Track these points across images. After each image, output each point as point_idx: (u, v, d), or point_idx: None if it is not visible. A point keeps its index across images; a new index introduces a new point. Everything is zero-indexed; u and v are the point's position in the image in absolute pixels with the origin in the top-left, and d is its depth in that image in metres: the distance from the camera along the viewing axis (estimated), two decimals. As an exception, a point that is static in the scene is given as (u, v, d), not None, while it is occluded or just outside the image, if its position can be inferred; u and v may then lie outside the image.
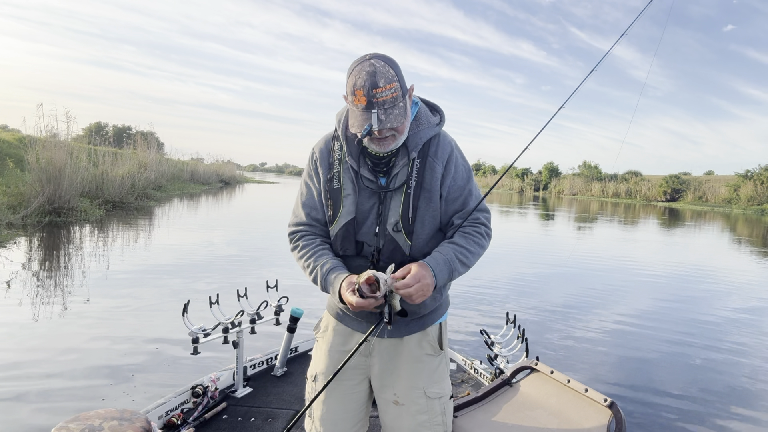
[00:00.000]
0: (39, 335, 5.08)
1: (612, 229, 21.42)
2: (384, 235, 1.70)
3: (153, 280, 7.61)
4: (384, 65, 1.51)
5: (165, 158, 31.51)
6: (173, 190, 26.70)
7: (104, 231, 12.39)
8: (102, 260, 8.75)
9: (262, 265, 9.32)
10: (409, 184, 1.68)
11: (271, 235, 14.10)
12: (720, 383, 4.89)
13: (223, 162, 49.58)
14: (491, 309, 7.03)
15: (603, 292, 8.71)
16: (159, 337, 5.17)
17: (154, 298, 6.64)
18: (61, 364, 4.42)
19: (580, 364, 5.19)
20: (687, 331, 6.57)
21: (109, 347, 4.85)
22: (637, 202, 52.54)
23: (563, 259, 12.28)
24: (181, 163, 35.27)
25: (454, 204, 1.75)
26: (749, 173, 46.85)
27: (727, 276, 11.21)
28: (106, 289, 6.92)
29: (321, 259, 1.72)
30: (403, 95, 1.56)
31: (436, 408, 1.80)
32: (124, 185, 18.19)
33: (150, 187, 22.47)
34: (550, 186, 69.04)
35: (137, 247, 10.37)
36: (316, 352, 1.94)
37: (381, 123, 1.51)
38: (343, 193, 1.71)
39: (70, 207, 13.55)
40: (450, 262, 1.65)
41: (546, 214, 27.90)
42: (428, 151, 1.71)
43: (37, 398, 3.79)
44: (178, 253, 9.95)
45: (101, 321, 5.59)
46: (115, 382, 4.11)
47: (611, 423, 2.01)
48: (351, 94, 1.53)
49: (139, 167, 22.26)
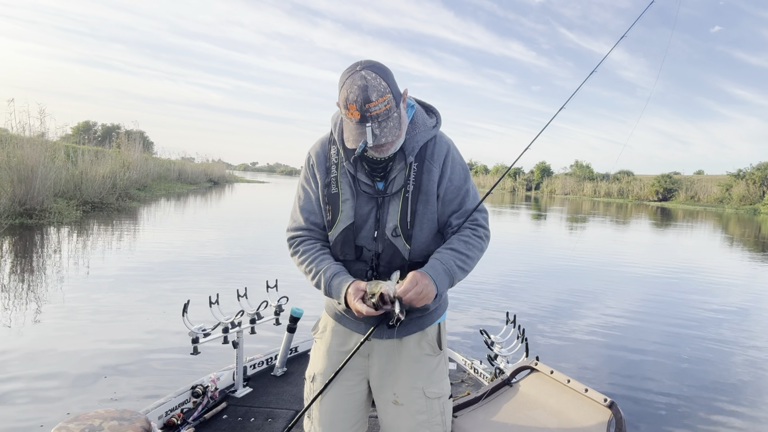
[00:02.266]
0: (38, 335, 5.06)
1: (609, 229, 21.47)
2: (383, 240, 1.70)
3: (143, 281, 7.58)
4: (375, 77, 1.49)
5: (152, 157, 30.99)
6: (159, 190, 26.06)
7: (81, 233, 11.95)
8: (81, 262, 8.56)
9: (253, 265, 9.30)
10: (406, 188, 1.68)
11: (267, 235, 14.03)
12: (722, 383, 4.90)
13: (213, 161, 49.13)
14: (491, 309, 7.04)
15: (603, 292, 8.73)
16: (159, 338, 5.16)
17: (150, 299, 6.62)
18: (61, 364, 4.40)
19: (581, 364, 5.21)
20: (688, 331, 6.59)
21: (109, 347, 4.84)
22: (629, 201, 52.79)
23: (563, 258, 12.33)
24: (167, 162, 34.58)
25: (451, 204, 1.75)
26: (741, 173, 47.15)
27: (726, 276, 11.30)
28: (93, 291, 6.88)
29: (323, 264, 1.72)
30: (397, 105, 1.55)
31: (436, 408, 1.80)
32: (104, 185, 17.48)
33: (133, 187, 21.82)
34: (542, 186, 69.25)
35: (119, 249, 10.09)
36: (315, 353, 1.94)
37: (376, 138, 1.50)
38: (341, 198, 1.71)
39: (43, 208, 12.85)
40: (450, 270, 1.66)
41: (538, 214, 27.96)
42: (425, 154, 1.70)
43: (37, 398, 3.77)
44: (159, 255, 9.71)
45: (101, 321, 5.57)
46: (115, 382, 4.11)
47: (611, 423, 2.02)
48: (344, 108, 1.52)
49: (123, 166, 21.69)
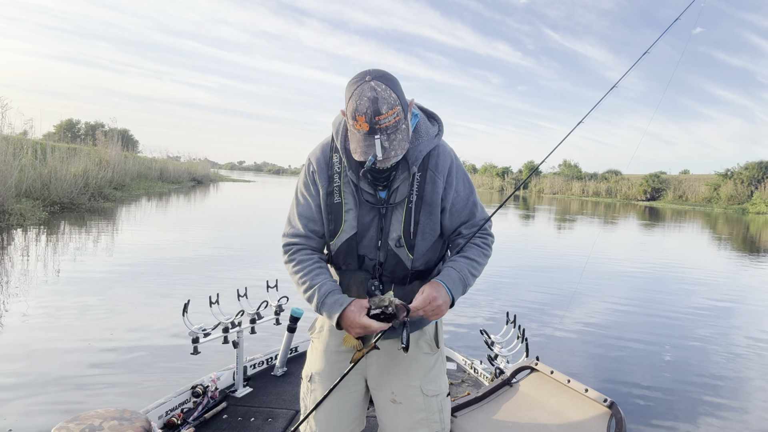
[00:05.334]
0: (38, 335, 5.03)
1: (609, 230, 21.48)
2: (386, 250, 1.70)
3: (134, 282, 7.55)
4: (385, 89, 1.47)
5: (132, 155, 29.98)
6: (138, 189, 25.26)
7: (50, 234, 11.49)
8: (50, 264, 8.33)
9: (253, 265, 9.25)
10: (410, 198, 1.67)
11: (266, 235, 13.90)
12: (724, 383, 4.92)
13: (199, 160, 48.01)
14: (491, 309, 7.06)
15: (604, 292, 8.75)
16: (159, 337, 5.14)
17: (150, 299, 6.60)
18: (60, 364, 4.39)
19: (581, 364, 5.23)
20: (689, 332, 6.61)
21: (109, 347, 4.83)
22: (617, 201, 53.03)
23: (563, 259, 12.40)
24: (148, 160, 33.62)
25: (460, 216, 1.76)
26: (729, 172, 47.51)
27: (727, 276, 11.41)
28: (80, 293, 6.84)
29: (318, 279, 1.69)
30: (405, 116, 1.53)
31: (434, 405, 1.83)
32: (76, 184, 16.53)
33: (109, 186, 20.92)
34: (530, 185, 69.41)
35: (86, 251, 9.69)
36: (312, 353, 1.95)
37: (385, 151, 1.48)
38: (344, 208, 1.69)
39: (2, 210, 12.12)
40: (464, 278, 1.68)
41: (527, 215, 28.03)
42: (428, 164, 1.69)
43: (37, 398, 3.76)
44: (140, 256, 9.46)
45: (101, 321, 5.55)
46: (115, 382, 4.10)
47: (611, 423, 2.04)
48: (352, 118, 1.49)
49: (98, 164, 20.79)
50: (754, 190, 43.45)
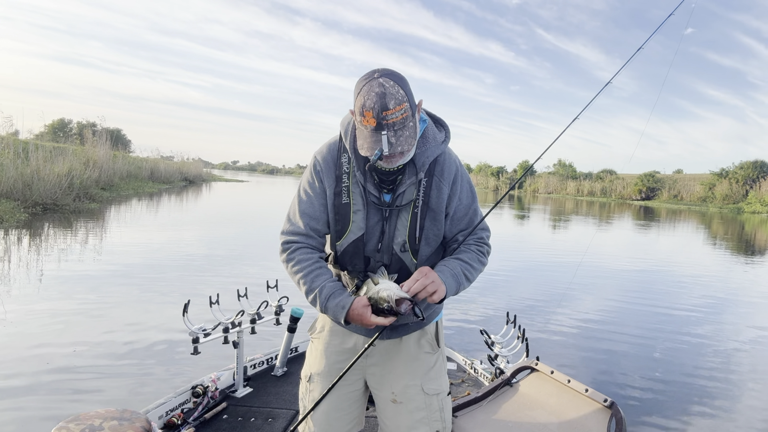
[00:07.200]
0: (37, 335, 5.01)
1: (606, 229, 21.44)
2: (388, 252, 1.71)
3: (128, 282, 7.52)
4: (393, 85, 1.48)
5: (122, 155, 29.28)
6: (127, 190, 24.63)
7: (33, 235, 11.10)
8: (33, 265, 8.21)
9: (251, 265, 9.22)
10: (416, 203, 1.68)
11: (267, 234, 13.82)
12: (725, 384, 4.91)
13: (192, 160, 47.27)
14: (491, 309, 7.06)
15: (604, 292, 8.75)
16: (159, 337, 5.13)
17: (149, 299, 6.58)
18: (60, 364, 4.38)
19: (581, 364, 5.22)
20: (690, 332, 6.60)
21: (109, 347, 4.82)
22: (612, 200, 53.08)
23: (564, 258, 12.39)
24: (138, 160, 32.98)
25: (460, 223, 1.77)
26: (724, 172, 47.59)
27: (726, 275, 11.43)
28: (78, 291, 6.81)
29: (319, 280, 1.68)
30: (413, 114, 1.54)
31: (434, 404, 1.83)
32: (60, 184, 15.96)
33: (96, 186, 20.31)
34: (525, 184, 69.33)
35: (72, 252, 9.39)
36: (311, 353, 1.94)
37: (392, 147, 1.49)
38: (352, 209, 1.69)
39: None
40: (457, 275, 1.67)
41: (522, 215, 28.04)
42: (434, 170, 1.70)
43: (37, 398, 3.75)
44: (133, 257, 9.28)
45: (101, 321, 5.53)
46: (115, 382, 4.10)
47: (611, 423, 2.05)
48: (360, 115, 1.50)
49: (84, 164, 20.25)
50: (749, 189, 43.54)
